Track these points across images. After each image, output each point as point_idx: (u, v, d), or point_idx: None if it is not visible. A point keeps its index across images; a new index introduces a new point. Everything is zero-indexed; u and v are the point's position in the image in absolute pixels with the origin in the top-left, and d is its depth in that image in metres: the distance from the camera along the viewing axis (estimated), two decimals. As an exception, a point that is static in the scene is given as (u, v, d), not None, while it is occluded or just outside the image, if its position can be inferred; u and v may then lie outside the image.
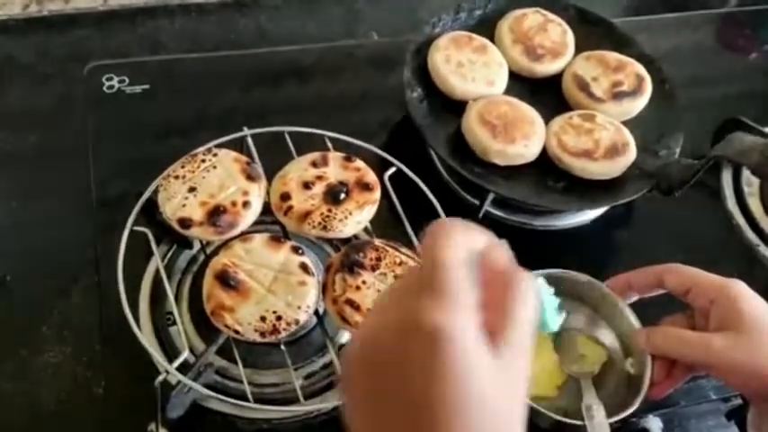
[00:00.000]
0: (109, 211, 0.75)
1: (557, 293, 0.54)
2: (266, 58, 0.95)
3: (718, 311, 0.59)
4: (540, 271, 0.69)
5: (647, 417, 0.69)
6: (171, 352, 0.65)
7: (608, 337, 0.70)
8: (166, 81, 0.88)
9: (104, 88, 0.85)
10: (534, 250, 0.81)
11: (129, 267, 0.63)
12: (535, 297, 0.36)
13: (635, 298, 0.68)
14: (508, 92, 0.84)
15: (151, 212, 0.66)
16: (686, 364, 0.63)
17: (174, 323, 0.68)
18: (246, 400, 0.59)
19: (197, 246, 0.73)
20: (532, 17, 0.88)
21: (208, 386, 0.60)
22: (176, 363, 0.57)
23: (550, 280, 0.64)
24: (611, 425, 0.61)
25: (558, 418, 0.61)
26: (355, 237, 0.70)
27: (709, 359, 0.59)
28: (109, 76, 0.85)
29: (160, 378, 0.57)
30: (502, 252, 0.37)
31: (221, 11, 1.01)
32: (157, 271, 0.70)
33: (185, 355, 0.58)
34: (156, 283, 0.70)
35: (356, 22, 1.04)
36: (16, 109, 0.86)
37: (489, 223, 0.79)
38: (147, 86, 0.85)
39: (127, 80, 0.85)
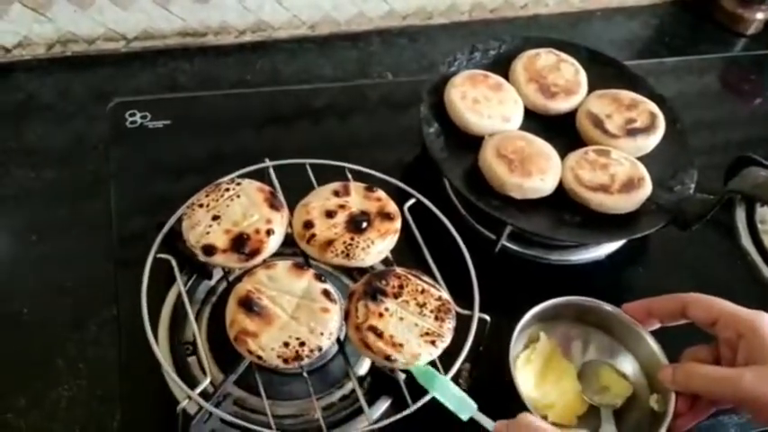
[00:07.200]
0: (129, 242, 0.75)
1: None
2: (281, 97, 0.97)
3: (747, 345, 0.59)
4: (566, 298, 0.69)
5: (667, 453, 0.67)
6: (189, 382, 0.63)
7: (633, 367, 0.69)
8: (187, 117, 0.89)
9: (127, 123, 0.87)
10: (549, 284, 0.82)
11: (148, 297, 0.63)
12: None
13: (657, 326, 0.67)
14: (523, 128, 0.85)
15: (172, 242, 0.66)
16: (712, 399, 0.62)
17: (193, 353, 0.68)
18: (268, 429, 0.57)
19: (216, 276, 0.73)
20: (545, 57, 0.90)
21: (226, 417, 0.59)
22: (199, 389, 0.56)
23: (577, 308, 0.63)
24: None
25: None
26: (372, 268, 0.70)
27: (739, 395, 0.57)
28: (132, 111, 0.87)
29: (182, 404, 0.57)
30: None
31: (238, 52, 1.04)
32: (176, 301, 0.70)
33: (207, 381, 0.57)
34: (174, 314, 0.70)
35: (370, 64, 1.07)
36: (36, 146, 0.87)
37: (505, 257, 0.81)
38: (168, 122, 0.87)
39: (149, 116, 0.87)
